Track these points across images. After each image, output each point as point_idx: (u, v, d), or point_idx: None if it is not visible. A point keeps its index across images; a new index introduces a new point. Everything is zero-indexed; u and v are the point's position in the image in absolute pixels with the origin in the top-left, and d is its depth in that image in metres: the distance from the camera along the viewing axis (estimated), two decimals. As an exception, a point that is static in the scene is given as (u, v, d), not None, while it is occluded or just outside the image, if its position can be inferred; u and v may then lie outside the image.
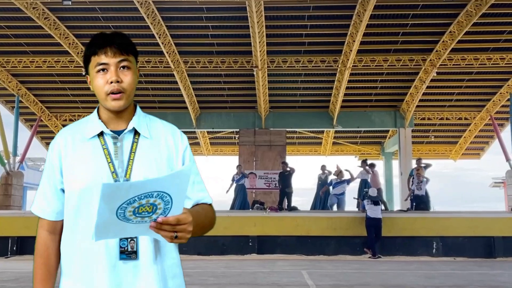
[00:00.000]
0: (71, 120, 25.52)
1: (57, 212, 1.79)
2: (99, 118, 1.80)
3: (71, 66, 21.01)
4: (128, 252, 1.67)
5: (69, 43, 19.46)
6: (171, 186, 1.43)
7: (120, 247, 1.67)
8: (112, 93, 1.73)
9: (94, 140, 1.76)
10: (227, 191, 18.62)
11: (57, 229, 1.80)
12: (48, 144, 28.26)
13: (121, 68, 1.75)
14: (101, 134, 1.77)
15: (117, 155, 1.74)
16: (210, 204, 1.84)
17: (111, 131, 1.78)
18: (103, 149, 1.75)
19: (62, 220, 1.78)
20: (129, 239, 1.67)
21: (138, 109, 1.85)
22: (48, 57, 20.95)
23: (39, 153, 33.86)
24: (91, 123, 1.80)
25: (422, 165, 17.64)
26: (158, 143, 1.80)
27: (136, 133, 1.79)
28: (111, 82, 1.72)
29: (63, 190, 1.77)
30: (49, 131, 26.19)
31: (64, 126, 17.47)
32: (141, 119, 1.82)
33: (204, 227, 1.74)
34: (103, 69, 1.74)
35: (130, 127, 1.78)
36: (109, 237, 1.56)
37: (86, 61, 1.79)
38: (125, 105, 1.77)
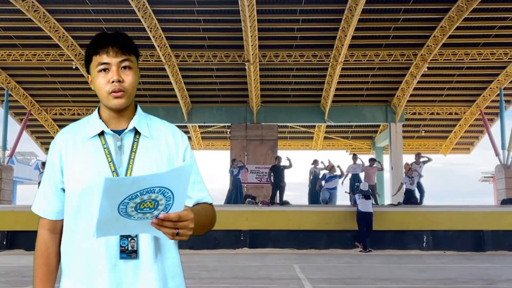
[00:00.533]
0: (61, 114, 25.37)
1: (58, 212, 1.79)
2: (100, 118, 1.81)
3: (61, 60, 20.82)
4: (128, 252, 1.67)
5: (59, 36, 19.30)
6: (173, 181, 1.44)
7: (121, 246, 1.66)
8: (114, 92, 1.74)
9: (95, 140, 1.77)
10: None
11: (57, 228, 1.80)
12: (38, 138, 28.15)
13: (123, 68, 1.76)
14: (101, 133, 1.78)
15: (118, 155, 1.75)
16: (211, 204, 1.86)
17: (111, 130, 1.78)
18: (104, 148, 1.75)
19: (63, 220, 1.78)
20: (129, 239, 1.67)
21: (139, 108, 1.86)
22: (38, 50, 20.76)
23: (29, 147, 33.73)
24: (92, 122, 1.81)
25: (422, 159, 17.79)
26: (158, 143, 1.80)
27: (136, 132, 1.79)
28: (113, 82, 1.73)
29: (63, 190, 1.77)
30: (39, 125, 26.01)
31: (54, 120, 17.35)
32: (141, 119, 1.83)
33: (204, 226, 1.74)
34: (104, 69, 1.75)
35: (130, 126, 1.79)
36: (110, 234, 1.55)
37: (88, 61, 1.80)
38: (126, 104, 1.77)
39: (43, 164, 19.61)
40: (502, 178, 20.72)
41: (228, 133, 26.44)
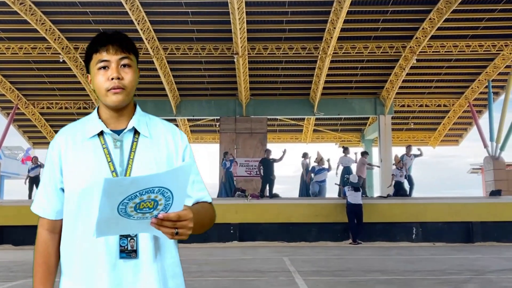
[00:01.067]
0: (48, 108, 25.14)
1: (57, 211, 1.79)
2: (99, 118, 1.81)
3: (48, 53, 20.60)
4: (128, 251, 1.68)
5: (46, 29, 19.08)
6: (172, 181, 1.45)
7: (120, 246, 1.67)
8: (113, 88, 1.74)
9: (94, 140, 1.78)
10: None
11: (57, 228, 1.80)
12: (25, 132, 27.92)
13: (122, 66, 1.77)
14: (101, 133, 1.78)
15: (117, 155, 1.76)
16: (210, 203, 1.87)
17: (111, 130, 1.79)
18: (103, 148, 1.76)
19: (62, 219, 1.79)
20: (129, 238, 1.68)
21: (138, 108, 1.87)
22: (24, 43, 20.52)
23: (16, 141, 33.41)
24: (91, 122, 1.82)
25: (412, 152, 17.88)
26: (158, 143, 1.81)
27: (136, 132, 1.80)
28: (112, 79, 1.74)
29: (63, 190, 1.78)
30: (26, 119, 25.77)
31: (41, 114, 17.15)
32: (141, 119, 1.83)
33: (204, 225, 1.75)
34: (104, 67, 1.76)
35: (130, 126, 1.80)
36: (110, 234, 1.56)
37: (88, 59, 1.81)
38: (125, 101, 1.77)
39: (36, 158, 19.41)
40: (490, 170, 20.87)
41: (217, 126, 26.36)
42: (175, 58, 21.25)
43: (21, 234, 14.67)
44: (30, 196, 18.42)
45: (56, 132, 27.42)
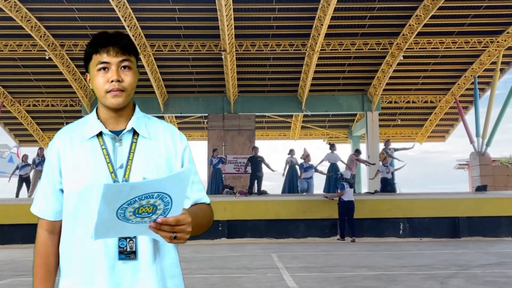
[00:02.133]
0: (34, 106, 24.95)
1: (56, 212, 1.79)
2: (98, 118, 1.81)
3: (34, 50, 20.44)
4: (127, 252, 1.68)
5: (31, 26, 18.92)
6: (171, 187, 1.44)
7: (119, 247, 1.67)
8: (112, 91, 1.74)
9: (93, 141, 1.77)
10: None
11: (56, 228, 1.80)
12: (11, 130, 27.70)
13: (122, 68, 1.76)
14: (100, 134, 1.77)
15: (116, 156, 1.75)
16: (208, 204, 1.87)
17: (110, 131, 1.78)
18: (102, 149, 1.75)
19: (62, 220, 1.78)
20: (128, 239, 1.68)
21: (137, 109, 1.86)
22: (9, 40, 20.34)
23: (2, 139, 33.00)
24: (90, 123, 1.81)
25: (388, 150, 17.99)
26: (157, 143, 1.81)
27: (135, 133, 1.80)
28: (112, 81, 1.73)
29: (62, 191, 1.78)
30: (12, 116, 25.56)
31: (27, 111, 16.98)
32: (140, 119, 1.83)
33: (202, 227, 1.75)
34: (104, 68, 1.75)
35: (129, 127, 1.79)
36: (108, 236, 1.56)
37: (87, 59, 1.80)
38: (124, 103, 1.77)
39: (25, 156, 19.24)
40: (476, 165, 21.06)
41: (205, 123, 26.33)
42: (162, 55, 21.18)
43: (7, 233, 14.52)
44: (17, 195, 18.24)
45: (42, 129, 27.22)
